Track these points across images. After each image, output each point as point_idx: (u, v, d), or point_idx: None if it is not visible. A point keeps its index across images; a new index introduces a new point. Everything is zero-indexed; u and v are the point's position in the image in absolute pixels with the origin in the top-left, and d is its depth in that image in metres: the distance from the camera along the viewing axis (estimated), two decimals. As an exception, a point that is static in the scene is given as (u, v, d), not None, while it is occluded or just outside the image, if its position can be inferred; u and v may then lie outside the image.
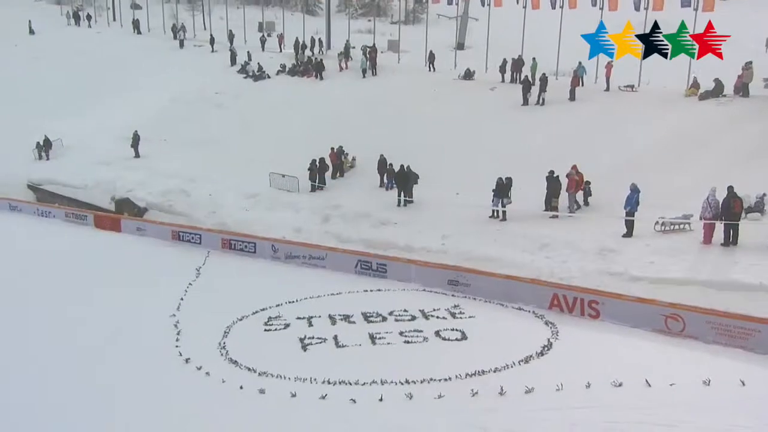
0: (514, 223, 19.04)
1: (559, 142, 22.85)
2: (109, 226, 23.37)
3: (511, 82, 28.94)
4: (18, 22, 45.43)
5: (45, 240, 22.35)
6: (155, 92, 34.34)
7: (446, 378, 11.30)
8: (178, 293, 16.61)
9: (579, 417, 10.02)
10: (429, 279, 16.27)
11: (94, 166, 27.89)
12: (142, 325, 14.80)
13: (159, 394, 11.52)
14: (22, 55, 41.24)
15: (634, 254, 16.19)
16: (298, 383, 11.52)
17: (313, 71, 33.29)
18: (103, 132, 31.47)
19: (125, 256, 20.45)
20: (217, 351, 13.20)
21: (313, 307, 15.30)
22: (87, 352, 13.43)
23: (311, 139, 26.32)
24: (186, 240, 21.17)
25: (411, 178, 21.21)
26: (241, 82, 34.61)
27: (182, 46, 40.49)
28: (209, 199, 24.31)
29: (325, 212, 21.81)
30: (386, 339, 13.24)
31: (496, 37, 31.74)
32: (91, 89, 35.54)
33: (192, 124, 31.09)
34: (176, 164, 27.11)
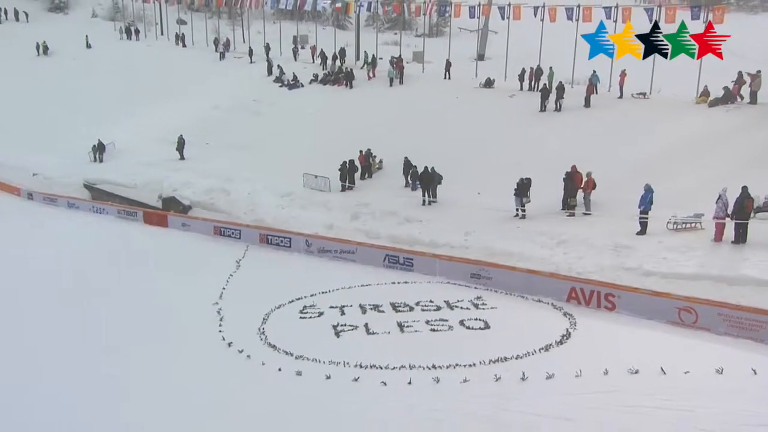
0: (533, 221, 18.81)
1: (575, 146, 22.52)
2: (156, 222, 23.53)
3: (529, 90, 28.65)
4: (76, 38, 46.06)
5: (99, 234, 22.63)
6: (198, 100, 34.55)
7: (471, 364, 11.21)
8: (220, 283, 16.71)
9: (597, 401, 9.89)
10: (453, 272, 16.16)
11: (143, 168, 28.06)
12: (188, 312, 14.92)
13: (205, 374, 11.61)
14: (79, 68, 41.72)
15: (648, 251, 15.89)
16: (332, 366, 11.52)
17: (343, 80, 33.26)
18: (151, 136, 31.75)
19: (171, 249, 20.58)
20: (257, 336, 13.27)
21: (344, 297, 15.29)
22: (139, 335, 13.58)
23: (341, 143, 26.27)
24: (227, 235, 21.24)
25: (435, 179, 21.08)
26: (277, 91, 34.69)
27: (223, 58, 40.68)
28: (248, 197, 24.35)
29: (355, 210, 21.74)
30: (413, 327, 13.19)
31: (515, 48, 31.46)
32: (141, 97, 35.89)
33: (231, 129, 31.22)
34: (217, 166, 27.18)
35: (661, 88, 26.88)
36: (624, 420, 9.40)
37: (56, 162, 30.20)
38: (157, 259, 19.70)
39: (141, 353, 12.66)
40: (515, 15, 30.77)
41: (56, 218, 24.99)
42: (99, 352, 12.78)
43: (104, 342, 13.32)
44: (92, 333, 13.84)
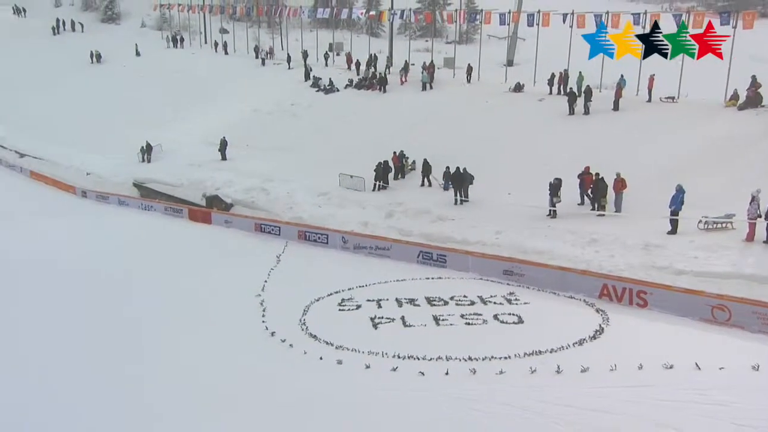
0: (563, 220, 18.48)
1: (604, 148, 22.05)
2: (201, 218, 23.76)
3: (557, 94, 28.18)
4: (127, 46, 47.07)
5: (147, 230, 22.93)
6: (239, 104, 34.90)
7: (506, 356, 11.05)
8: (261, 276, 16.78)
9: (633, 395, 9.66)
10: (485, 269, 15.94)
11: (188, 168, 28.37)
12: (232, 303, 15.03)
13: (250, 362, 11.67)
14: (129, 74, 42.60)
15: (679, 250, 15.46)
16: (371, 356, 11.47)
17: (377, 85, 33.22)
18: (195, 138, 32.17)
19: (215, 244, 20.75)
20: (298, 326, 13.27)
21: (381, 291, 15.19)
22: (185, 325, 13.70)
23: (375, 145, 26.25)
24: (267, 231, 21.33)
25: (467, 179, 20.88)
26: (314, 95, 34.80)
27: (263, 64, 41.03)
28: (286, 196, 24.40)
29: (389, 209, 21.63)
30: (449, 321, 13.06)
31: (544, 53, 31.03)
32: (185, 102, 36.45)
33: (271, 131, 31.45)
34: (257, 166, 27.34)
35: (689, 93, 26.20)
36: (660, 413, 9.16)
37: (108, 162, 30.74)
38: (202, 254, 19.91)
39: (190, 341, 12.77)
40: (544, 22, 30.35)
41: (108, 215, 25.43)
42: (150, 340, 12.96)
43: (155, 330, 13.48)
44: (143, 322, 14.01)
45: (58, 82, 42.60)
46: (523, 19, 32.28)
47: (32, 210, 26.09)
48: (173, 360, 11.90)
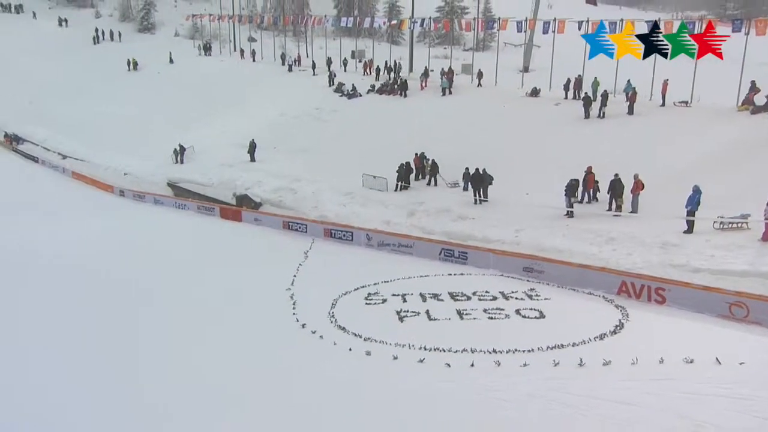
0: (581, 220, 18.20)
1: (619, 150, 21.76)
2: (231, 216, 23.86)
3: (573, 99, 27.87)
4: (161, 54, 47.48)
5: (181, 227, 23.16)
6: (267, 108, 34.94)
7: (529, 349, 10.92)
8: (291, 271, 16.81)
9: (655, 387, 9.49)
10: (506, 266, 15.78)
11: (219, 168, 28.47)
12: (263, 296, 15.10)
13: (282, 352, 11.71)
14: (163, 80, 42.99)
15: (695, 248, 15.14)
16: (398, 348, 11.40)
17: (398, 90, 33.11)
18: (225, 141, 32.19)
19: (246, 241, 20.85)
20: (327, 319, 13.26)
21: (405, 286, 15.12)
22: (219, 318, 13.75)
23: (397, 146, 26.07)
24: (294, 229, 21.36)
25: (486, 180, 20.68)
26: (338, 100, 34.74)
27: (290, 71, 41.14)
28: (312, 195, 24.38)
29: (411, 208, 21.52)
30: (472, 315, 12.94)
31: (559, 60, 30.70)
32: (216, 106, 36.54)
33: (297, 134, 31.43)
34: (285, 167, 27.37)
35: (701, 97, 25.75)
36: (682, 405, 8.98)
37: (144, 163, 31.03)
38: (233, 250, 20.00)
39: (224, 331, 12.84)
40: (560, 29, 30.03)
41: (144, 213, 25.72)
42: (185, 330, 13.06)
43: (190, 321, 13.58)
44: (179, 313, 14.14)
45: (97, 89, 43.17)
46: (538, 26, 31.94)
47: (74, 208, 26.47)
48: (210, 349, 11.93)
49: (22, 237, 20.96)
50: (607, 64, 27.95)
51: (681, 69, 26.93)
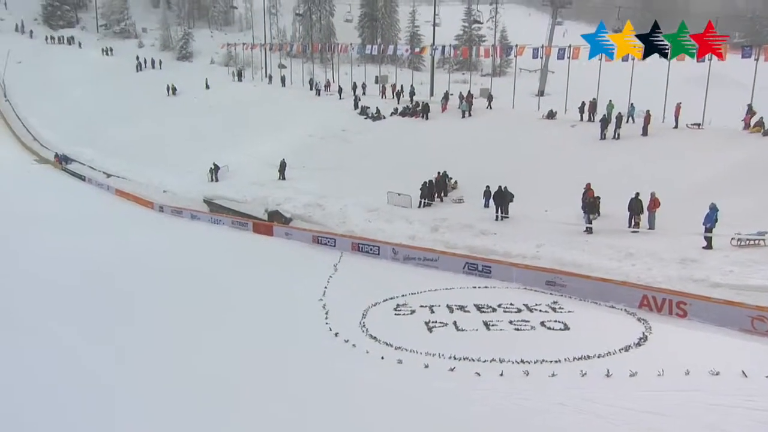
0: (600, 236, 17.95)
1: (635, 169, 21.53)
2: (264, 231, 23.91)
3: (588, 121, 27.67)
4: (198, 80, 48.24)
5: (217, 240, 23.21)
6: (296, 130, 35.20)
7: (557, 360, 10.68)
8: (322, 283, 16.72)
9: (682, 399, 9.20)
10: (529, 279, 15.55)
11: (251, 186, 28.67)
12: (297, 306, 15.01)
13: (318, 359, 11.60)
14: (200, 105, 43.60)
15: (715, 264, 14.82)
16: (428, 357, 11.24)
17: (420, 113, 33.21)
18: (257, 160, 32.43)
19: (278, 254, 20.88)
20: (359, 328, 13.13)
21: (432, 298, 14.95)
22: (256, 326, 13.68)
23: (420, 166, 26.02)
24: (323, 243, 21.33)
25: (507, 197, 20.56)
26: (363, 122, 34.89)
27: (318, 95, 41.53)
28: (339, 211, 24.41)
29: (434, 224, 21.41)
30: (498, 326, 12.74)
31: (573, 84, 30.60)
32: (249, 128, 36.99)
33: (324, 154, 31.59)
34: (313, 185, 27.50)
35: (712, 120, 25.41)
36: (709, 416, 8.69)
37: (181, 181, 31.36)
38: (266, 262, 20.01)
39: (261, 340, 12.76)
40: (574, 55, 29.95)
41: (181, 227, 25.89)
42: (225, 337, 12.99)
43: (228, 328, 13.50)
44: (216, 324, 13.99)
45: (139, 112, 44.01)
46: (553, 52, 31.91)
47: (117, 222, 26.77)
48: (248, 356, 11.88)
49: (70, 248, 21.23)
50: (621, 87, 27.97)
51: (692, 93, 26.73)
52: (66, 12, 66.91)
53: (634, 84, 27.21)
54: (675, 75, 26.96)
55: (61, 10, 66.51)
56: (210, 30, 67.80)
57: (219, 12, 70.86)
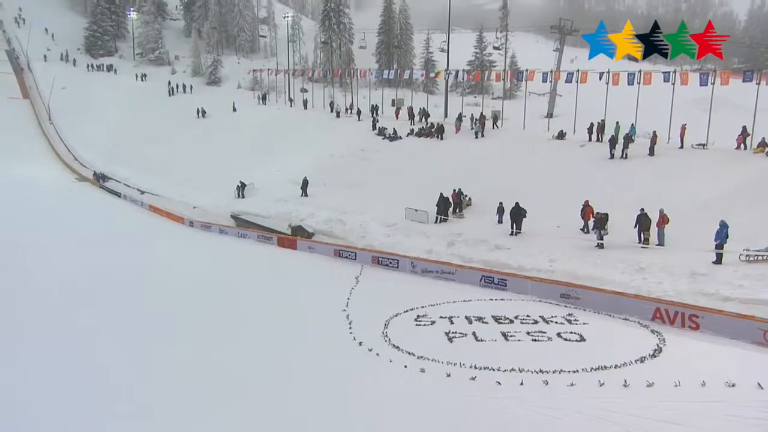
0: (611, 251, 17.71)
1: (643, 187, 21.27)
2: (288, 245, 24.00)
3: (596, 141, 27.50)
4: (226, 103, 48.94)
5: (243, 254, 23.33)
6: (318, 149, 35.44)
7: (574, 370, 10.51)
8: (344, 294, 16.69)
9: (699, 409, 8.99)
10: (544, 292, 15.38)
11: (276, 202, 28.80)
12: (322, 316, 14.95)
13: (344, 367, 11.52)
14: (227, 126, 44.21)
15: (724, 278, 14.54)
16: (450, 366, 11.13)
17: (435, 133, 33.28)
18: (281, 178, 32.59)
19: (302, 267, 20.90)
20: (382, 338, 13.04)
21: (451, 309, 14.83)
22: (282, 335, 13.65)
23: (435, 183, 25.84)
24: (344, 257, 21.33)
25: (521, 213, 20.42)
26: (380, 142, 35.02)
27: (338, 117, 41.84)
28: (360, 226, 24.40)
29: (450, 238, 21.33)
30: (516, 337, 12.59)
31: (581, 106, 30.50)
32: (273, 148, 37.37)
33: (344, 172, 31.68)
34: (334, 201, 27.51)
35: (716, 141, 25.13)
36: (729, 427, 8.48)
37: (210, 197, 31.62)
38: (291, 274, 20.01)
39: (287, 348, 12.70)
40: (582, 79, 29.92)
41: (210, 241, 26.05)
42: (252, 348, 12.84)
43: (255, 340, 13.38)
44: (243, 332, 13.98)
45: (171, 133, 44.74)
46: (562, 76, 31.89)
47: (150, 235, 27.09)
48: (275, 364, 11.81)
49: (106, 259, 21.46)
50: (627, 109, 27.84)
51: (695, 115, 26.50)
52: (106, 42, 68.59)
53: (640, 106, 27.06)
54: (678, 98, 26.83)
55: (101, 40, 68.21)
56: (237, 57, 68.91)
57: (245, 40, 72.14)
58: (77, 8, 76.87)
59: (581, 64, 33.09)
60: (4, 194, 34.71)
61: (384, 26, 62.42)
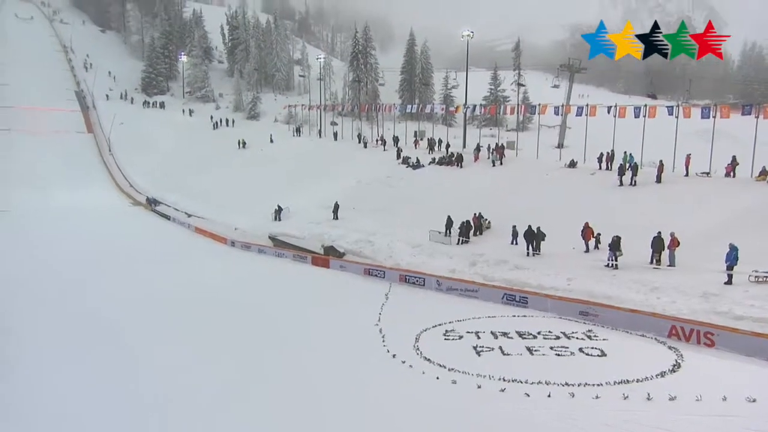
0: (625, 271, 17.39)
1: (652, 211, 20.92)
2: (321, 264, 24.01)
3: (606, 170, 27.25)
4: (264, 136, 49.87)
5: (280, 272, 23.29)
6: (347, 176, 35.66)
7: (598, 383, 10.26)
8: (376, 310, 16.57)
9: (722, 423, 8.72)
10: (563, 310, 15.10)
11: (309, 225, 28.99)
12: (356, 330, 14.83)
13: (380, 378, 11.42)
14: (265, 156, 44.89)
15: (736, 298, 14.15)
16: (480, 378, 10.95)
17: (455, 162, 33.36)
18: (314, 203, 32.73)
19: (334, 284, 20.87)
20: (414, 351, 12.88)
21: (476, 325, 14.63)
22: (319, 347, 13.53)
23: (456, 208, 25.72)
24: (374, 275, 21.24)
25: (539, 236, 20.24)
26: (404, 170, 35.13)
27: (365, 147, 42.22)
28: (387, 247, 24.37)
29: (472, 258, 21.18)
30: (540, 351, 12.35)
31: (590, 137, 30.34)
32: (306, 176, 37.70)
33: (372, 197, 31.78)
34: (363, 224, 27.61)
35: (717, 170, 24.69)
36: (751, 442, 8.13)
37: (250, 220, 31.90)
38: (325, 291, 19.99)
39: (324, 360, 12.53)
40: (591, 112, 29.83)
41: (250, 259, 26.16)
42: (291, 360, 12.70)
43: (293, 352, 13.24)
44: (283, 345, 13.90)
45: (215, 163, 45.61)
46: (573, 110, 31.84)
47: (197, 254, 27.39)
48: (315, 375, 11.63)
49: (157, 276, 21.79)
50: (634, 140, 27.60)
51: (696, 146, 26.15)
52: (159, 82, 71.05)
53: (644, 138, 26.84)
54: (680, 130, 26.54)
55: (156, 81, 70.67)
56: (274, 94, 70.55)
57: (281, 79, 74.05)
58: (136, 53, 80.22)
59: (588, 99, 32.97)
60: (71, 216, 35.76)
61: (407, 65, 63.42)
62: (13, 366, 12.26)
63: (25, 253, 25.90)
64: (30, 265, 23.68)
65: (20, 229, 32.12)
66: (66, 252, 26.44)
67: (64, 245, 28.11)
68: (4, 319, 15.75)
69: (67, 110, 58.66)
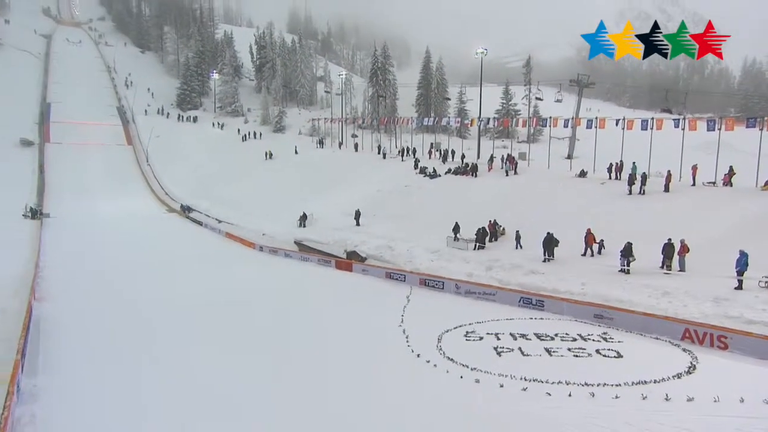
0: (637, 276, 17.13)
1: (661, 220, 20.60)
2: (344, 267, 24.03)
3: (616, 180, 26.90)
4: (289, 147, 50.22)
5: (306, 275, 23.41)
6: (368, 185, 35.76)
7: (617, 384, 10.08)
8: (398, 312, 16.51)
9: (741, 423, 8.50)
10: (578, 313, 14.90)
11: (332, 231, 29.04)
12: (381, 331, 14.79)
13: (405, 377, 11.34)
14: (291, 166, 45.30)
15: (746, 303, 13.84)
16: (502, 378, 10.83)
17: (470, 172, 33.24)
18: (337, 210, 32.92)
19: (357, 287, 20.83)
20: (437, 351, 12.80)
21: (495, 326, 14.49)
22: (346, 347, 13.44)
23: (472, 215, 25.68)
24: (395, 278, 21.20)
25: (553, 242, 20.05)
26: (422, 179, 35.05)
27: (384, 158, 42.28)
28: (407, 252, 24.30)
29: (488, 263, 21.05)
30: (559, 352, 12.18)
31: (599, 148, 30.02)
32: (329, 184, 37.86)
33: (391, 205, 31.78)
34: (383, 230, 27.63)
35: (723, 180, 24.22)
36: (771, 443, 7.93)
37: (277, 226, 32.09)
38: (349, 293, 19.97)
39: (352, 359, 12.48)
40: (600, 125, 29.56)
41: (277, 263, 26.31)
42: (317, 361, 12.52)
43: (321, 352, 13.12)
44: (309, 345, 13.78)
45: (244, 172, 46.20)
46: (583, 122, 31.58)
47: (226, 259, 27.57)
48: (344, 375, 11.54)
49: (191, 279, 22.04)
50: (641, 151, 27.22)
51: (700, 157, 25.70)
52: (193, 98, 72.66)
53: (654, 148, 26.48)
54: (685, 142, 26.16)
55: (189, 97, 72.28)
56: (298, 109, 71.52)
57: (305, 95, 75.07)
58: (172, 72, 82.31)
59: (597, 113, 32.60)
60: (111, 223, 36.55)
61: (423, 81, 63.69)
62: (61, 359, 12.35)
63: (73, 258, 26.47)
64: (77, 267, 24.23)
65: (68, 234, 32.84)
66: (109, 257, 26.92)
67: (108, 249, 28.69)
68: (56, 314, 16.12)
69: (110, 124, 60.28)
